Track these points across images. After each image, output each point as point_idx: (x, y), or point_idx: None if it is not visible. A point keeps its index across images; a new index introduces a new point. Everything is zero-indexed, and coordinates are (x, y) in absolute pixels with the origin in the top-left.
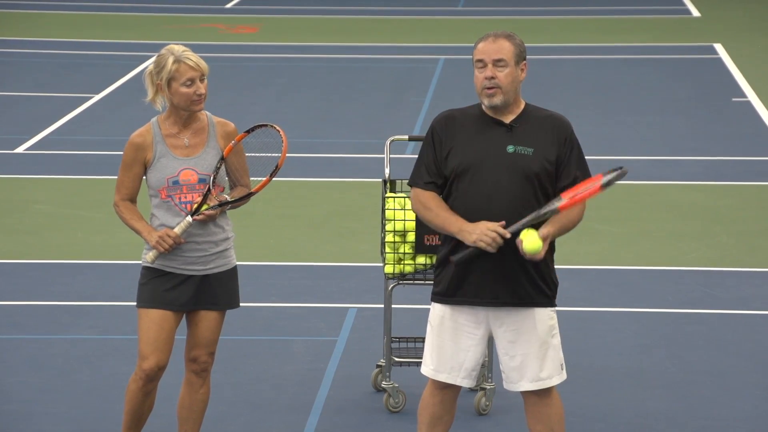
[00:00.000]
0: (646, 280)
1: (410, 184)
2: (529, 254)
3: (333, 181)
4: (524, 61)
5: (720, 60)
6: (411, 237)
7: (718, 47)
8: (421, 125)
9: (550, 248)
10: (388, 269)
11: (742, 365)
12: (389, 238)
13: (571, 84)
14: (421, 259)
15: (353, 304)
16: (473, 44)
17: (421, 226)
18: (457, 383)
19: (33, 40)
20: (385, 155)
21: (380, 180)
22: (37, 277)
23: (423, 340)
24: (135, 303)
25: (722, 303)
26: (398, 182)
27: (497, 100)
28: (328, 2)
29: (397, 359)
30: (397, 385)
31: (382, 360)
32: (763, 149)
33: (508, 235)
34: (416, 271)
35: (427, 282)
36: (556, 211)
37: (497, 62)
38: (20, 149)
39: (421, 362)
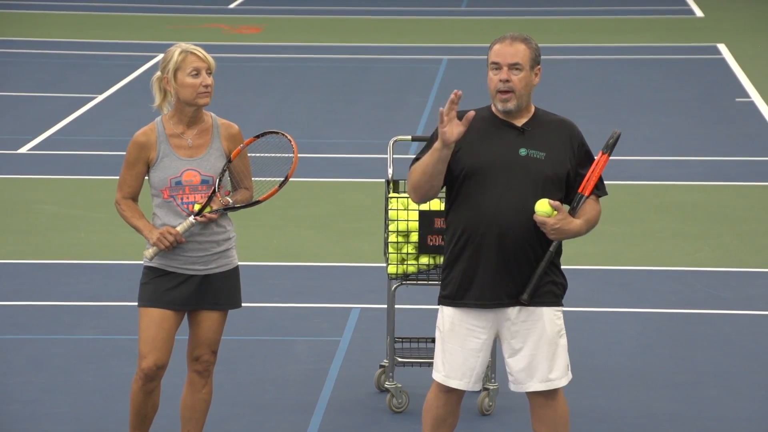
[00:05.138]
0: (649, 280)
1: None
2: (539, 214)
3: (336, 182)
4: (538, 66)
5: (723, 60)
6: (414, 237)
7: (722, 47)
8: (424, 125)
9: (557, 250)
10: (392, 269)
11: (746, 365)
12: (392, 238)
13: (575, 84)
14: (424, 260)
15: (356, 305)
16: (488, 45)
17: (424, 227)
18: (469, 388)
19: (36, 41)
20: (388, 155)
21: (383, 180)
22: (39, 277)
23: (426, 340)
24: (137, 303)
25: (726, 303)
26: (401, 182)
27: (511, 104)
28: (332, 2)
29: (400, 359)
30: (400, 386)
31: (385, 360)
32: (767, 149)
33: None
34: (419, 272)
35: (430, 282)
36: (580, 197)
37: (513, 66)
38: (23, 149)
39: (423, 362)
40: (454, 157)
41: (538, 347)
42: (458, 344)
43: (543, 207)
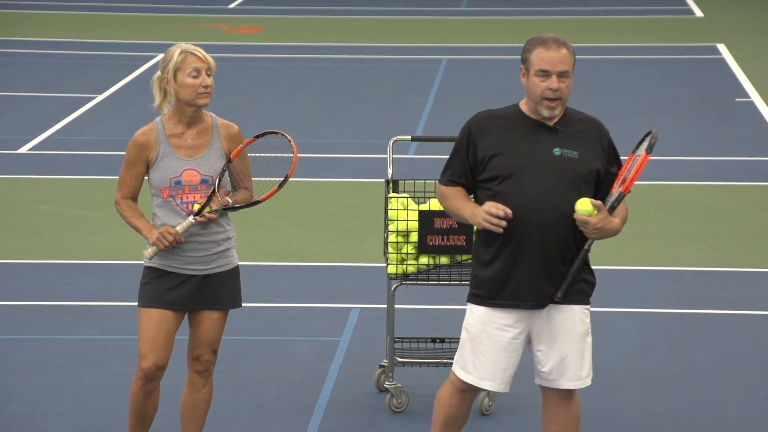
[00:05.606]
0: (649, 280)
1: (439, 182)
2: (580, 213)
3: (336, 182)
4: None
5: (723, 60)
6: (414, 237)
7: (722, 47)
8: (423, 125)
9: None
10: (391, 269)
11: (745, 365)
12: (392, 238)
13: (574, 84)
14: (423, 260)
15: (356, 305)
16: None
17: (424, 227)
18: (501, 390)
19: (36, 41)
20: (388, 156)
21: (383, 180)
22: (39, 277)
23: (426, 340)
24: (137, 303)
25: (726, 303)
26: (401, 182)
27: (557, 111)
28: (332, 2)
29: (399, 359)
30: (400, 386)
31: (385, 360)
32: (767, 149)
33: (509, 212)
34: (419, 272)
35: (430, 282)
36: (621, 196)
37: (562, 73)
38: (23, 149)
39: (423, 362)
40: (489, 160)
41: (570, 345)
42: (490, 344)
43: (585, 206)
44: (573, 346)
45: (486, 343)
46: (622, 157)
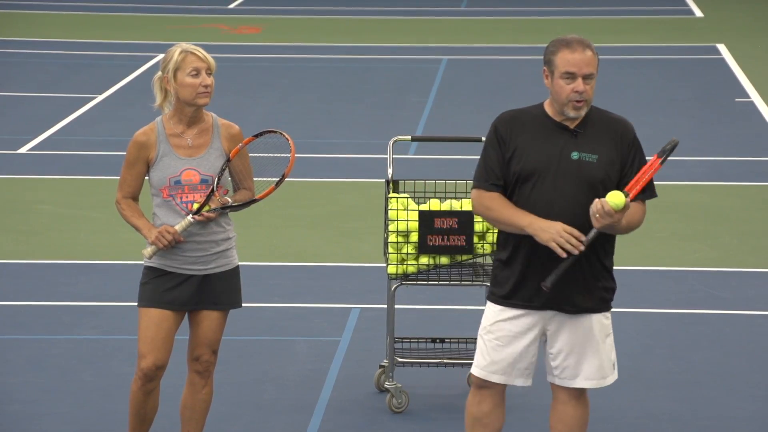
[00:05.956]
0: (649, 280)
1: (473, 187)
2: (609, 204)
3: (336, 182)
4: None
5: (723, 60)
6: (414, 237)
7: (722, 47)
8: (424, 125)
9: (609, 251)
10: (391, 269)
11: (745, 365)
12: (392, 238)
13: None
14: (423, 260)
15: (356, 305)
16: (547, 47)
17: (424, 227)
18: (515, 383)
19: (35, 41)
20: (388, 156)
21: (383, 180)
22: (39, 277)
23: (426, 340)
24: (136, 303)
25: (725, 303)
26: (401, 182)
27: (583, 112)
28: (332, 3)
29: (400, 359)
30: (400, 386)
31: (385, 360)
32: (767, 149)
33: (583, 239)
34: (419, 272)
35: (430, 282)
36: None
37: (588, 76)
38: (23, 149)
39: (423, 362)
40: (510, 161)
41: (585, 346)
42: (501, 339)
43: (618, 199)
44: (589, 347)
45: (497, 338)
46: (648, 158)
